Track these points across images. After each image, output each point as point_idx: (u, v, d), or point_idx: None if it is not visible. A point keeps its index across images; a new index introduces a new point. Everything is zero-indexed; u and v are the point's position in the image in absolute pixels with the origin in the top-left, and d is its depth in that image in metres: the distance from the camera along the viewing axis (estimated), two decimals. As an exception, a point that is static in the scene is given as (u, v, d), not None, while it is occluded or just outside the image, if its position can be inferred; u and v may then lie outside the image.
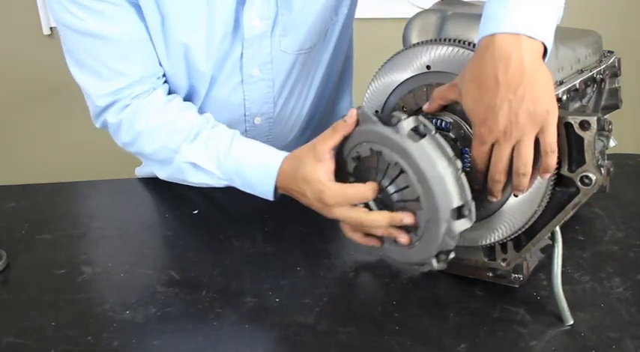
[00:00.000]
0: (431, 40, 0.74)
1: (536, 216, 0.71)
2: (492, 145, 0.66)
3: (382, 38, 1.40)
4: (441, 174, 0.66)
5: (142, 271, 0.84)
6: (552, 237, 0.72)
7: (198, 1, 0.87)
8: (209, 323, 0.73)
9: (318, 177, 0.76)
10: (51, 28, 2.07)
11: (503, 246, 0.75)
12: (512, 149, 0.65)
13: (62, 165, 2.09)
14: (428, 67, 0.74)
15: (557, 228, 0.71)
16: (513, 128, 0.63)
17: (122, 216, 1.01)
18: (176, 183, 0.96)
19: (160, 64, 0.93)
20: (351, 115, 0.74)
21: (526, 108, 0.62)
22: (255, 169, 0.85)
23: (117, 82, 0.90)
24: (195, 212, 0.99)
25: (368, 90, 0.80)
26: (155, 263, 0.87)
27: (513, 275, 0.77)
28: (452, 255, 0.71)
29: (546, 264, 0.77)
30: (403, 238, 0.72)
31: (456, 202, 0.67)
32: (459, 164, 0.67)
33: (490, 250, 0.76)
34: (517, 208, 0.71)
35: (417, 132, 0.67)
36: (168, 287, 0.80)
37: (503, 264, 0.75)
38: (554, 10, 0.66)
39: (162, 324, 0.73)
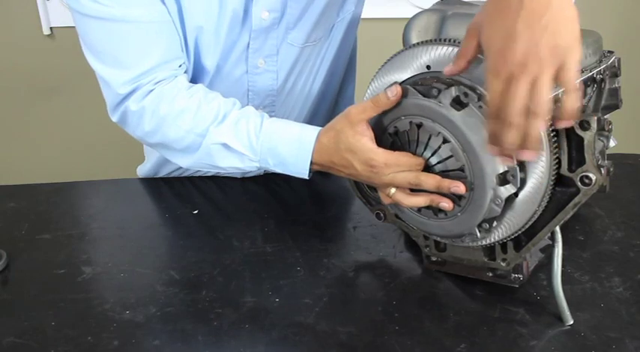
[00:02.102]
0: (431, 40, 0.74)
1: (536, 216, 0.71)
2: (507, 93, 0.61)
3: (382, 38, 1.40)
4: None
5: (142, 271, 0.84)
6: (552, 237, 0.72)
7: None
8: (209, 323, 0.73)
9: (363, 146, 0.76)
10: (51, 28, 2.07)
11: (503, 246, 0.75)
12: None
13: (62, 165, 2.08)
14: (428, 67, 0.74)
15: (557, 228, 0.71)
16: (531, 60, 0.59)
17: (122, 216, 1.01)
18: (176, 183, 0.95)
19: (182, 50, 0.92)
20: (396, 93, 0.73)
21: (547, 41, 0.58)
22: (290, 144, 0.83)
23: (139, 67, 0.88)
24: (195, 212, 0.99)
25: (368, 90, 0.80)
26: (155, 263, 0.87)
27: (513, 275, 0.77)
28: (495, 224, 0.72)
29: (546, 264, 0.77)
30: (447, 204, 0.73)
31: (502, 167, 0.68)
32: None
33: (490, 250, 0.76)
34: (517, 208, 0.71)
35: (459, 102, 0.68)
36: (168, 287, 0.80)
37: (503, 264, 0.75)
38: None
39: (162, 324, 0.73)
